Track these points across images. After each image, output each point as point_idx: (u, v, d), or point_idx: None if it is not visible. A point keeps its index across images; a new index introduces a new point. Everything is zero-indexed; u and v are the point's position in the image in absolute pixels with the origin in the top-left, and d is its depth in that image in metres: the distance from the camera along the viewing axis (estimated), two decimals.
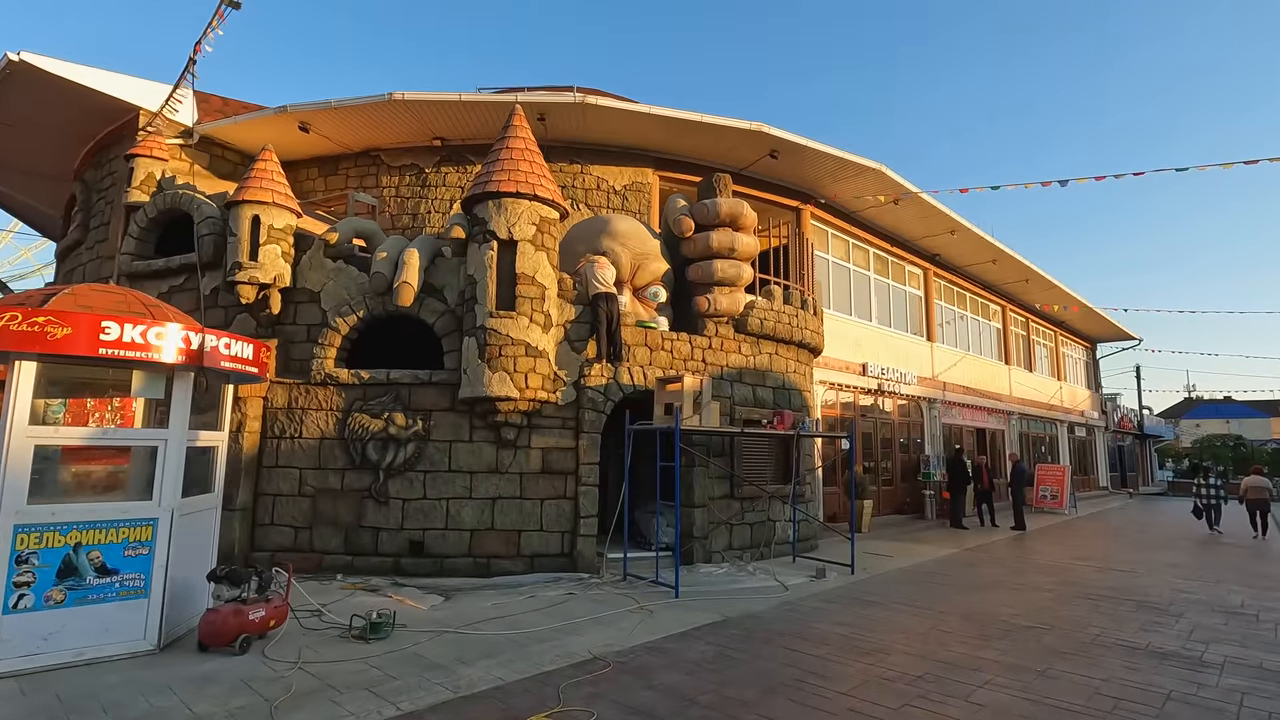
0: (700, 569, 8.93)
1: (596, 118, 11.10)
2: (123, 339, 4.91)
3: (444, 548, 8.30)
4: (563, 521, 8.49)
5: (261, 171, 8.91)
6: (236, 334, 5.80)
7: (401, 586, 7.50)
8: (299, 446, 8.61)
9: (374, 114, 10.84)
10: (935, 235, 16.69)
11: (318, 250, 9.14)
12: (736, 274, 9.86)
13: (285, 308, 9.06)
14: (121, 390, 6.47)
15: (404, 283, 8.44)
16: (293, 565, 8.07)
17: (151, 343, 5.04)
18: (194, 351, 5.27)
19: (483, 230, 8.41)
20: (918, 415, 17.36)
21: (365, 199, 10.40)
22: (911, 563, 10.19)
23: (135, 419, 6.59)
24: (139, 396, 5.59)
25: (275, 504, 8.53)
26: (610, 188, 12.03)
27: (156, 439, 5.28)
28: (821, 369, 13.76)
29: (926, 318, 18.24)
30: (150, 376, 5.35)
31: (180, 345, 5.20)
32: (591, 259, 9.10)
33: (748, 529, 9.94)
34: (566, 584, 7.84)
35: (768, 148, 12.00)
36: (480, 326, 8.24)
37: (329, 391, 8.68)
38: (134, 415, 6.58)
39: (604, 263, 9.17)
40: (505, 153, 8.64)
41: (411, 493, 8.41)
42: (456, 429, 8.53)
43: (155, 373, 5.35)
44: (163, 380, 5.37)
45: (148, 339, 5.01)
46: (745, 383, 10.23)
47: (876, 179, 13.19)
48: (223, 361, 5.50)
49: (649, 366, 9.19)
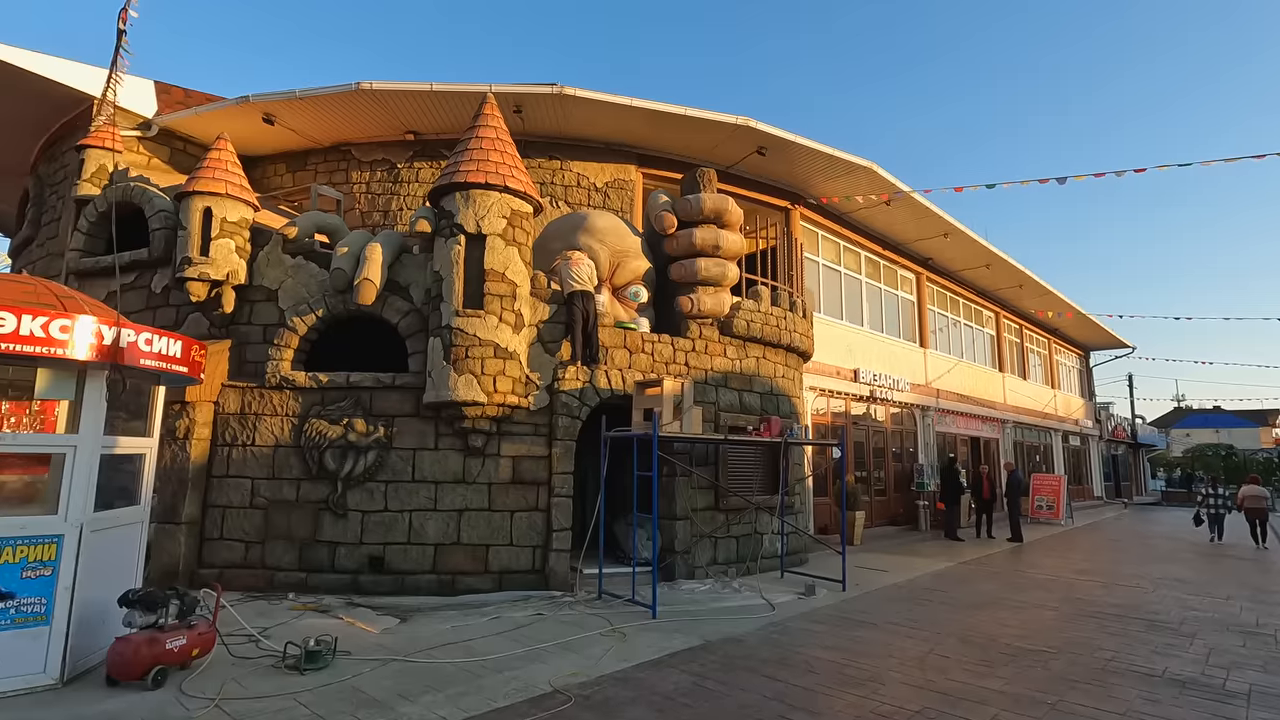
0: (682, 585, 8.38)
1: (575, 110, 10.62)
2: (19, 332, 4.35)
3: (406, 564, 7.72)
4: (534, 535, 7.93)
5: (215, 161, 8.37)
6: (162, 329, 5.24)
7: (355, 607, 6.92)
8: (251, 455, 8.02)
9: (341, 105, 10.33)
10: (928, 238, 16.29)
11: (275, 246, 8.59)
12: (721, 273, 9.37)
13: (240, 307, 8.51)
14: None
15: (365, 279, 7.90)
16: (244, 583, 7.55)
17: (55, 337, 4.48)
18: (108, 348, 4.71)
19: (450, 224, 7.89)
20: (911, 423, 16.90)
21: (329, 192, 9.87)
22: (906, 577, 9.67)
23: (58, 423, 6.00)
24: (43, 398, 5.02)
25: (225, 517, 7.93)
26: (591, 184, 11.54)
27: (62, 445, 4.71)
28: (812, 374, 13.28)
29: (920, 323, 17.81)
30: (57, 375, 4.79)
31: (91, 341, 4.64)
32: (567, 255, 8.59)
33: (733, 542, 9.40)
34: (536, 603, 7.27)
35: (755, 144, 11.55)
36: (446, 326, 7.70)
37: (284, 396, 8.10)
38: (55, 420, 5.99)
39: (580, 259, 8.66)
40: (475, 142, 8.14)
41: (372, 504, 7.83)
42: (421, 436, 7.97)
43: (63, 371, 4.79)
44: (72, 380, 4.81)
45: (50, 332, 4.45)
46: (731, 388, 9.72)
47: (867, 178, 12.77)
48: (143, 360, 4.94)
49: (628, 370, 8.66)
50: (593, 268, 8.68)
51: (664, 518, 8.95)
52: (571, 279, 8.38)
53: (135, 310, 9.04)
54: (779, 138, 11.31)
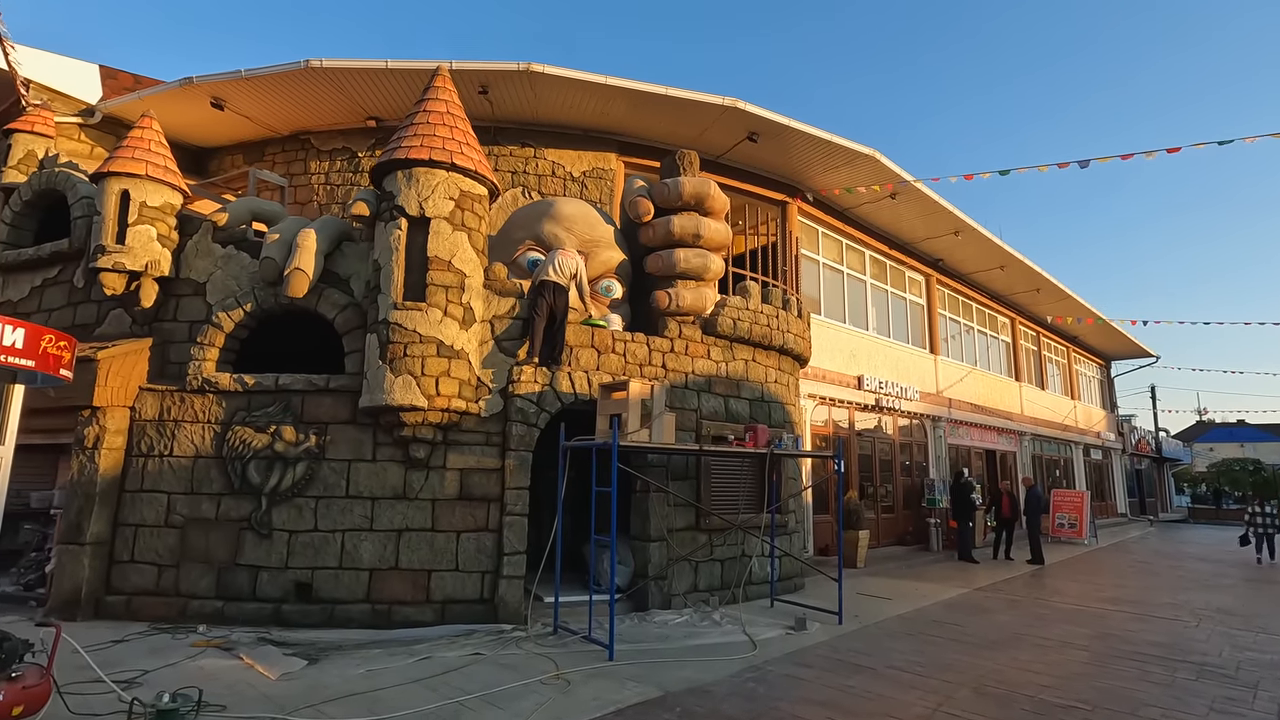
0: (655, 617, 7.36)
1: (547, 91, 9.76)
2: None
3: (337, 592, 6.76)
4: (483, 559, 6.95)
5: (137, 140, 7.56)
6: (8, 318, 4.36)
7: (264, 644, 5.95)
8: (169, 466, 7.13)
9: (291, 86, 9.52)
10: (938, 236, 15.26)
11: (205, 234, 7.75)
12: (702, 265, 8.41)
13: (165, 302, 7.66)
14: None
15: (296, 269, 7.02)
16: (154, 613, 6.53)
17: None
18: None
19: (390, 206, 7.01)
20: (921, 435, 15.79)
21: (271, 177, 9.06)
22: (912, 607, 8.58)
23: None
24: None
25: (137, 536, 7.03)
26: (567, 174, 10.66)
27: None
28: (812, 381, 12.26)
29: (930, 328, 16.74)
30: None
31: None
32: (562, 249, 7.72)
33: (717, 567, 8.37)
34: (480, 639, 6.28)
35: (745, 129, 10.63)
36: (383, 321, 6.80)
37: (207, 400, 7.22)
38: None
39: (572, 254, 7.79)
40: (421, 116, 7.27)
41: (300, 523, 6.90)
42: (357, 446, 7.05)
43: None
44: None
45: None
46: (715, 393, 8.73)
47: (870, 168, 11.80)
48: None
49: (596, 372, 7.71)
50: (580, 267, 7.75)
51: (636, 539, 7.95)
52: (551, 268, 7.45)
53: (57, 307, 8.23)
54: (771, 122, 10.38)
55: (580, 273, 7.71)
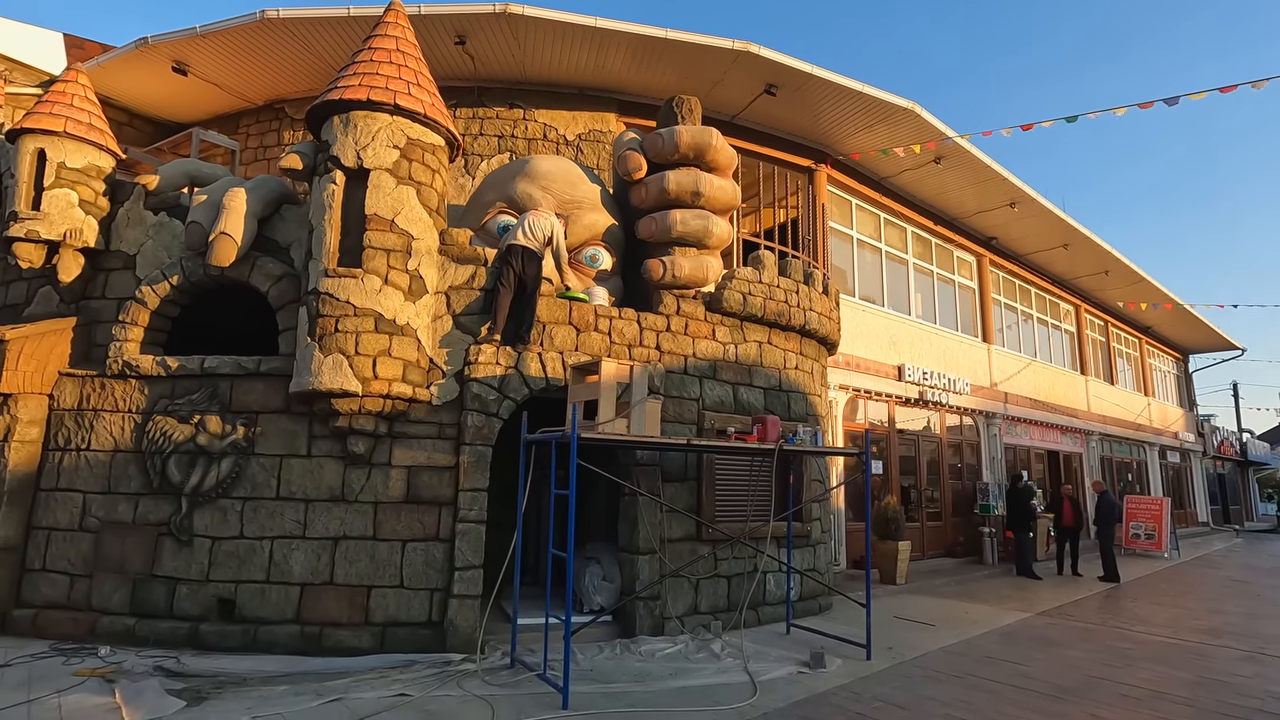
0: (641, 645, 6.12)
1: (533, 40, 8.63)
2: None
3: (263, 610, 5.75)
4: (431, 575, 5.84)
5: (58, 95, 6.73)
6: None
7: (154, 675, 4.95)
8: (85, 462, 6.25)
9: (252, 42, 8.63)
10: (991, 209, 13.57)
11: (137, 201, 6.88)
12: (703, 228, 7.15)
13: (94, 277, 6.82)
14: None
15: (221, 234, 6.05)
16: (62, 630, 5.55)
17: None
18: None
19: (325, 158, 5.97)
20: (973, 433, 14.11)
21: (218, 139, 8.19)
22: (960, 637, 7.12)
23: None
24: None
25: (50, 542, 6.16)
26: (561, 137, 9.51)
27: None
28: (844, 371, 10.83)
29: (982, 315, 15.02)
30: None
31: None
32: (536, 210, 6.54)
33: (722, 584, 7.08)
34: (416, 674, 5.16)
35: (762, 80, 9.30)
36: (313, 290, 5.77)
37: (129, 386, 6.32)
38: None
39: (543, 214, 6.59)
40: (365, 54, 6.23)
41: (225, 529, 5.92)
42: (290, 439, 6.04)
43: None
44: None
45: None
46: (721, 380, 7.45)
47: (909, 125, 10.30)
48: None
49: (574, 353, 6.52)
50: (556, 229, 6.56)
51: (625, 551, 6.73)
52: (521, 232, 6.30)
53: None
54: (792, 70, 9.03)
55: (557, 236, 6.54)
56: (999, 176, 12.13)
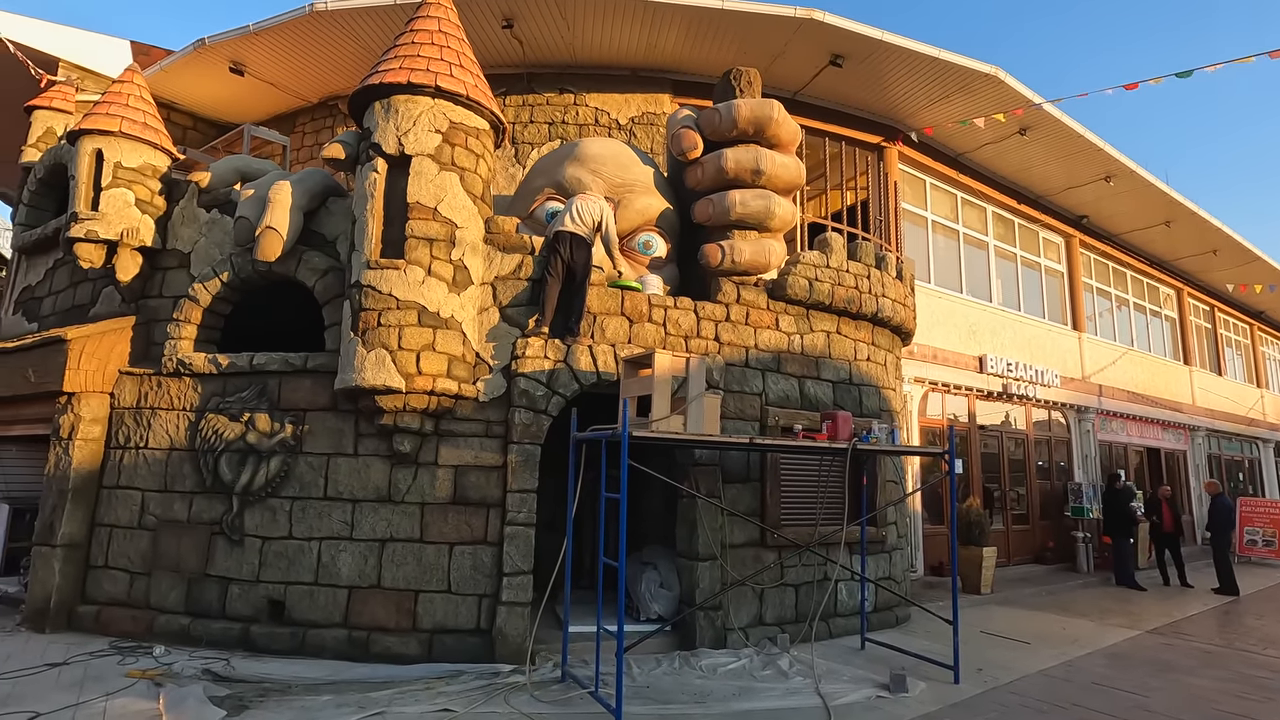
0: (702, 659, 5.68)
1: (582, 20, 8.26)
2: None
3: (312, 612, 5.61)
4: (480, 580, 5.56)
5: (114, 95, 6.79)
6: None
7: (201, 679, 4.84)
8: (143, 460, 6.28)
9: (303, 37, 8.59)
10: (1082, 185, 12.41)
11: (191, 199, 6.88)
12: (764, 209, 6.61)
13: (152, 276, 6.86)
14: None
15: (267, 228, 5.92)
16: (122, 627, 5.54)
17: None
18: None
19: (368, 145, 5.76)
20: (1063, 429, 12.99)
21: (269, 135, 8.17)
22: (1060, 658, 6.37)
23: None
24: None
25: (111, 539, 6.22)
26: (613, 121, 9.12)
27: None
28: (919, 363, 10.07)
29: (1072, 301, 13.82)
30: None
31: None
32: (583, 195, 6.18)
33: (789, 594, 6.56)
34: (463, 685, 4.89)
35: (827, 51, 8.65)
36: (355, 284, 5.56)
37: (183, 384, 6.30)
38: None
39: (591, 197, 6.22)
40: (406, 37, 5.99)
41: (274, 529, 5.81)
42: (337, 437, 5.87)
43: None
44: None
45: None
46: (786, 373, 6.91)
47: (991, 94, 9.42)
48: None
49: (625, 345, 6.13)
50: (608, 214, 6.18)
51: (683, 556, 6.30)
52: (569, 217, 5.95)
53: (62, 288, 7.70)
54: (859, 37, 8.35)
55: (607, 220, 6.14)
56: (1093, 147, 11.03)
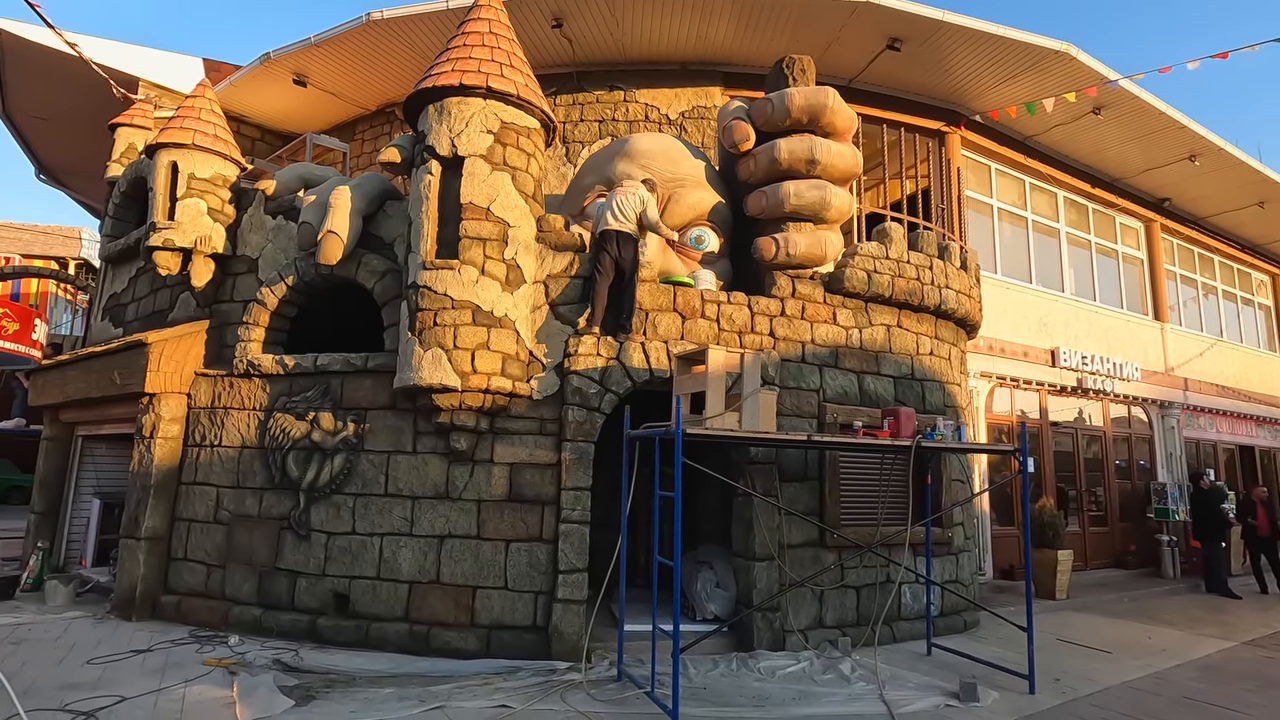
0: (761, 660, 5.57)
1: (632, 15, 8.21)
2: None
3: (374, 606, 5.75)
4: (535, 577, 5.59)
5: (187, 109, 7.12)
6: None
7: (271, 669, 5.01)
8: (218, 457, 6.57)
9: (360, 46, 8.84)
10: (1163, 166, 11.65)
11: (258, 207, 7.16)
12: (820, 200, 6.43)
13: (223, 281, 7.17)
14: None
15: (328, 232, 6.10)
16: (200, 617, 5.85)
17: None
18: None
19: (422, 148, 5.85)
20: (1144, 425, 12.23)
21: (329, 142, 8.43)
22: (1147, 669, 5.98)
23: None
24: None
25: (190, 533, 6.53)
26: (663, 116, 9.05)
27: None
28: (986, 356, 9.64)
29: (1153, 289, 12.99)
30: None
31: None
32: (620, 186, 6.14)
33: (850, 596, 6.36)
34: (520, 682, 4.92)
35: (884, 34, 8.35)
36: (411, 284, 5.66)
37: (253, 385, 6.56)
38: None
39: (631, 188, 6.14)
40: (458, 40, 6.06)
41: (338, 524, 5.99)
42: (396, 435, 6.00)
43: None
44: None
45: None
46: (845, 369, 6.70)
47: (1062, 72, 8.91)
48: None
49: (678, 342, 6.05)
50: (648, 201, 6.12)
51: (739, 556, 6.19)
52: (610, 214, 5.91)
53: (144, 295, 8.12)
54: (919, 19, 8.03)
55: (647, 206, 6.05)
56: (1175, 125, 10.31)
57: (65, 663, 5.10)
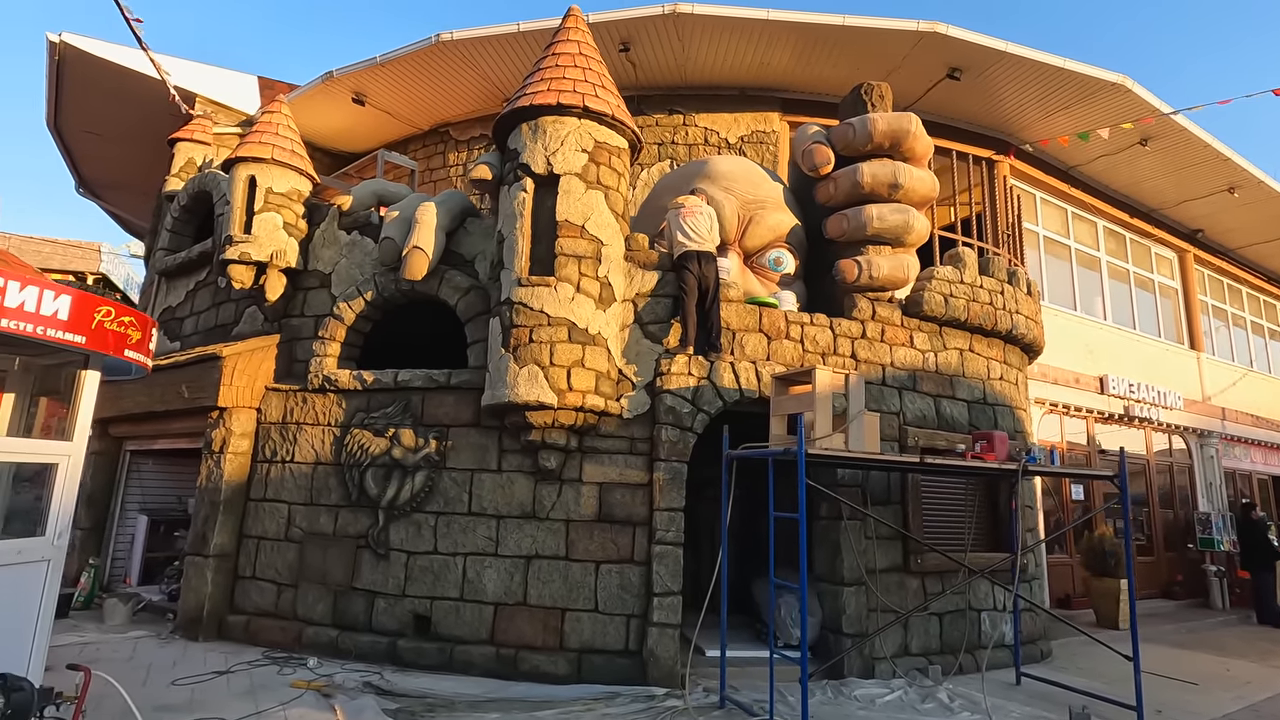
0: (854, 689, 5.45)
1: (696, 41, 8.33)
2: None
3: (457, 628, 5.62)
4: (627, 600, 5.48)
5: (265, 125, 7.13)
6: (31, 275, 3.60)
7: (365, 692, 4.87)
8: (290, 474, 6.46)
9: (426, 67, 8.91)
10: (1198, 198, 11.81)
11: (331, 221, 7.14)
12: (903, 224, 6.46)
13: (293, 296, 7.12)
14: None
15: (414, 248, 6.08)
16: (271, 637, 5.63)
17: None
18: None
19: (514, 165, 5.87)
20: (1183, 454, 12.23)
21: (400, 159, 8.45)
22: (1240, 700, 5.88)
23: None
24: None
25: (259, 550, 6.40)
26: (722, 140, 9.13)
27: None
28: (1037, 381, 9.64)
29: (1188, 318, 13.09)
30: None
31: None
32: (679, 203, 6.17)
33: (935, 623, 6.26)
34: (623, 708, 4.79)
35: (945, 64, 8.49)
36: (505, 301, 5.63)
37: (328, 400, 6.48)
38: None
39: (696, 206, 6.14)
40: (549, 60, 6.11)
41: (419, 543, 5.88)
42: (481, 452, 5.92)
43: None
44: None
45: None
46: (922, 392, 6.68)
47: (1116, 103, 9.06)
48: None
49: (765, 363, 6.03)
50: (714, 217, 6.15)
51: (824, 581, 6.10)
52: (683, 235, 5.93)
53: (204, 309, 8.07)
54: (982, 49, 8.17)
55: (714, 223, 6.06)
56: (1219, 157, 10.47)
57: (150, 684, 4.95)
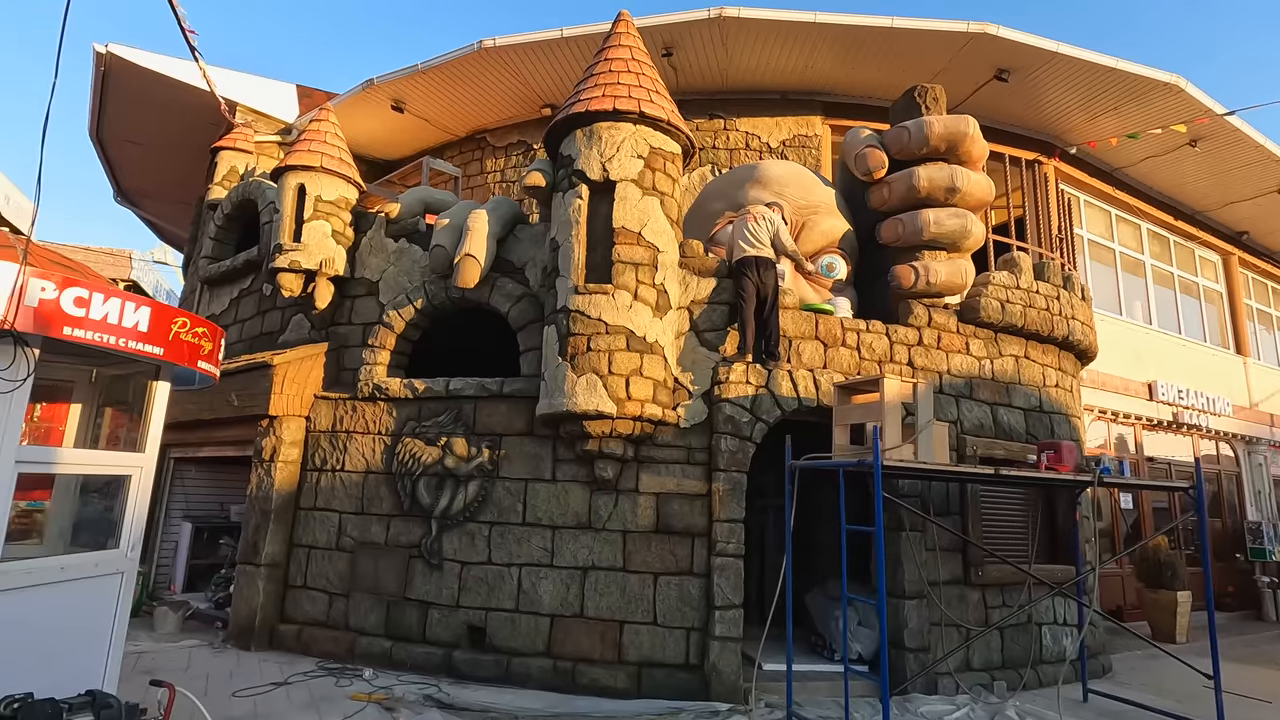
0: (919, 705, 5.31)
1: (739, 45, 8.25)
2: None
3: (513, 640, 5.55)
4: (687, 612, 5.38)
5: (313, 133, 7.14)
6: (108, 286, 3.57)
7: (427, 706, 4.81)
8: (340, 482, 6.43)
9: (467, 74, 8.91)
10: (1244, 200, 11.54)
11: (378, 229, 7.13)
12: (960, 229, 6.34)
13: (340, 304, 7.11)
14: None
15: (466, 255, 6.04)
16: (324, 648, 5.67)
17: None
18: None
19: (569, 173, 5.82)
20: (1230, 462, 11.93)
21: (444, 166, 8.43)
22: None
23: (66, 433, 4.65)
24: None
25: (310, 559, 6.37)
26: (764, 144, 9.04)
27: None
28: (1086, 388, 9.43)
29: (1233, 322, 12.80)
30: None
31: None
32: (746, 211, 6.08)
33: (995, 638, 6.10)
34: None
35: (993, 65, 8.35)
36: (562, 309, 5.57)
37: (377, 409, 6.45)
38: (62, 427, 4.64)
39: (762, 214, 6.08)
40: (602, 65, 6.06)
41: (473, 554, 5.82)
42: (535, 462, 5.86)
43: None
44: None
45: None
46: (979, 400, 6.54)
47: (1167, 104, 8.87)
48: (70, 328, 3.25)
49: (822, 370, 5.92)
50: (781, 227, 6.08)
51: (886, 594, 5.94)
52: (744, 242, 5.85)
53: (248, 317, 8.10)
54: (1032, 50, 8.02)
55: (780, 231, 6.00)
56: (1271, 157, 10.20)
57: (211, 694, 4.91)
